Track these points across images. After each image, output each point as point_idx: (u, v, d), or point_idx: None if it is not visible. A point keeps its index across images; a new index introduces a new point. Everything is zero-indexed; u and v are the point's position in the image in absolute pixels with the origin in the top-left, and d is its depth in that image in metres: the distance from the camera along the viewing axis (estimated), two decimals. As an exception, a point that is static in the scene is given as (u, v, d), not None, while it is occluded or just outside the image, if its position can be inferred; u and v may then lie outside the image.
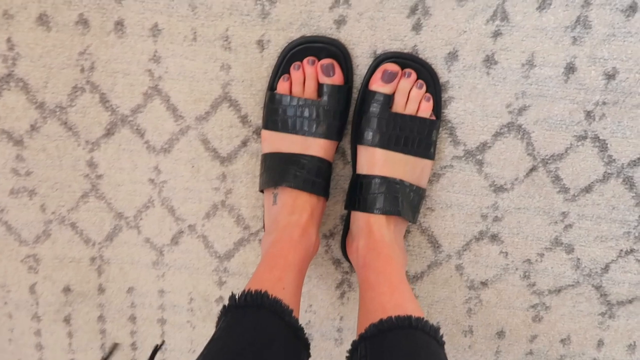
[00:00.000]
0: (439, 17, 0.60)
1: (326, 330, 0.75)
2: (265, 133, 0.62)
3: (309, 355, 0.51)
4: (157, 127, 0.67)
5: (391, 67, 0.59)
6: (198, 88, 0.65)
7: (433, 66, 0.61)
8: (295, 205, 0.60)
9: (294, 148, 0.60)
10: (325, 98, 0.60)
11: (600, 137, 0.62)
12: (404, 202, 0.59)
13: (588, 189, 0.64)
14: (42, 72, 0.65)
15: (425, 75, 0.60)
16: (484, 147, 0.64)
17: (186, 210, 0.71)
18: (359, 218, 0.60)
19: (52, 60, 0.64)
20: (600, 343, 0.71)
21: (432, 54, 0.61)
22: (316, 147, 0.60)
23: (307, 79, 0.60)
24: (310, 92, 0.60)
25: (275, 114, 0.61)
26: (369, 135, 0.60)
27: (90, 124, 0.67)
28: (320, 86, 0.60)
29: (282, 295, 0.51)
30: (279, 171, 0.60)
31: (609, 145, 0.62)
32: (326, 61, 0.59)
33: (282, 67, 0.61)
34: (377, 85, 0.60)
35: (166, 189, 0.70)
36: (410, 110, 0.60)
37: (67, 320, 0.78)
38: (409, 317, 0.46)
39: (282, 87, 0.61)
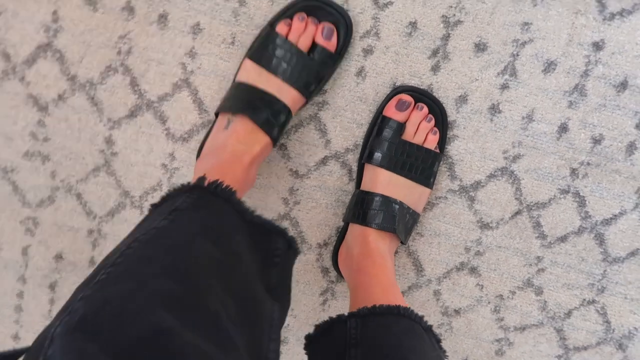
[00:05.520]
0: (456, 63, 0.69)
1: (303, 334, 0.82)
2: (247, 62, 0.66)
3: (286, 237, 0.51)
4: (180, 116, 0.74)
5: (406, 97, 0.68)
6: (227, 87, 0.72)
7: (444, 105, 0.70)
8: (248, 137, 0.63)
9: (268, 87, 0.64)
10: (315, 57, 0.65)
11: (581, 194, 0.72)
12: (400, 222, 0.67)
13: (563, 239, 0.74)
14: (80, 47, 0.71)
15: (435, 111, 0.69)
16: (477, 185, 0.73)
17: (191, 200, 0.77)
18: (356, 230, 0.68)
19: (92, 39, 0.71)
20: (553, 383, 0.80)
21: (445, 94, 0.70)
22: (287, 94, 0.64)
23: (305, 34, 0.65)
24: (303, 45, 0.65)
25: (265, 50, 0.65)
26: (377, 156, 0.68)
27: (116, 103, 0.74)
28: (314, 45, 0.65)
29: None
30: (246, 101, 0.63)
31: (587, 202, 0.72)
32: (329, 25, 0.65)
33: (289, 12, 0.66)
34: (391, 112, 0.68)
35: (177, 175, 0.76)
36: (417, 140, 0.69)
37: (52, 287, 0.82)
38: (398, 306, 0.54)
39: (281, 28, 0.65)
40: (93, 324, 0.34)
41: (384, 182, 0.68)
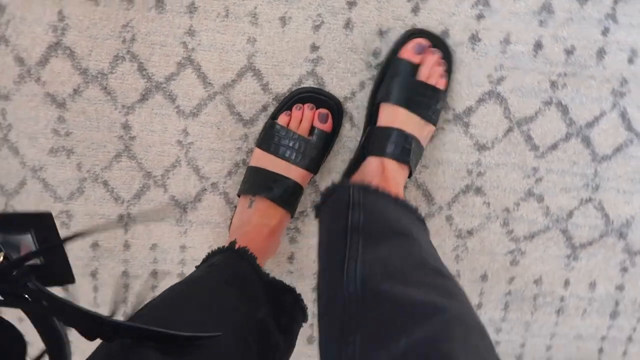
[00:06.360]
0: (433, 2, 0.76)
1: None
2: (257, 151, 0.78)
3: (294, 295, 0.69)
4: (188, 93, 0.80)
5: (423, 41, 0.74)
6: (226, 58, 0.78)
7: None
8: (268, 212, 0.75)
9: (277, 169, 0.76)
10: (314, 138, 0.76)
11: (563, 103, 0.79)
12: (413, 155, 0.74)
13: (554, 147, 0.81)
14: (87, 41, 0.77)
15: (444, 55, 0.76)
16: (469, 111, 0.80)
17: (210, 169, 0.83)
18: (373, 162, 0.73)
19: (97, 32, 0.76)
20: (566, 282, 0.87)
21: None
22: (295, 173, 0.76)
23: (304, 120, 0.76)
24: (303, 130, 0.76)
25: (271, 139, 0.77)
26: (394, 95, 0.74)
27: (128, 89, 0.79)
28: (312, 128, 0.76)
29: None
30: (260, 183, 0.76)
31: (569, 110, 0.79)
32: (323, 111, 0.77)
33: (288, 104, 0.77)
34: (408, 54, 0.74)
35: (192, 149, 0.82)
36: (431, 81, 0.74)
37: (93, 274, 0.88)
38: (397, 195, 0.60)
39: (282, 119, 0.77)
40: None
41: (401, 118, 0.73)
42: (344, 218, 0.55)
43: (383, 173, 0.72)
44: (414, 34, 0.75)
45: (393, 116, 0.74)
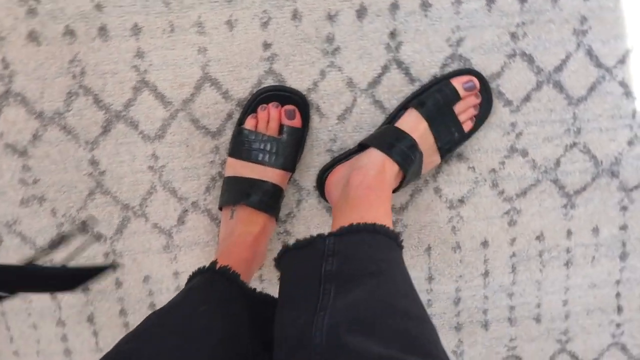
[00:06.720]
0: (376, -24, 0.74)
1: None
2: (230, 160, 0.76)
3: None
4: (149, 116, 0.78)
5: (476, 83, 0.75)
6: (181, 73, 0.76)
7: (380, 18, 0.75)
8: (250, 220, 0.73)
9: (253, 174, 0.74)
10: (284, 136, 0.75)
11: (527, 52, 0.78)
12: (413, 168, 0.72)
13: (527, 98, 0.79)
14: (37, 84, 0.75)
15: (484, 106, 0.77)
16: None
17: (187, 189, 0.81)
18: (376, 156, 0.71)
19: (45, 72, 0.74)
20: (569, 233, 0.85)
21: (378, 7, 0.75)
22: (273, 175, 0.75)
23: (271, 120, 0.75)
24: (272, 130, 0.75)
25: (242, 145, 0.75)
26: (427, 109, 0.74)
27: (88, 124, 0.77)
28: (281, 126, 0.75)
29: None
30: (239, 192, 0.74)
31: (535, 58, 0.78)
32: (289, 107, 0.75)
33: (252, 107, 0.76)
34: (459, 86, 0.75)
35: (165, 172, 0.80)
36: (461, 118, 0.75)
37: (90, 319, 0.85)
38: (374, 223, 0.58)
39: (249, 123, 0.75)
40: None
41: (421, 132, 0.73)
42: (318, 267, 0.54)
43: (382, 172, 0.69)
44: (473, 73, 0.76)
45: (415, 126, 0.73)
